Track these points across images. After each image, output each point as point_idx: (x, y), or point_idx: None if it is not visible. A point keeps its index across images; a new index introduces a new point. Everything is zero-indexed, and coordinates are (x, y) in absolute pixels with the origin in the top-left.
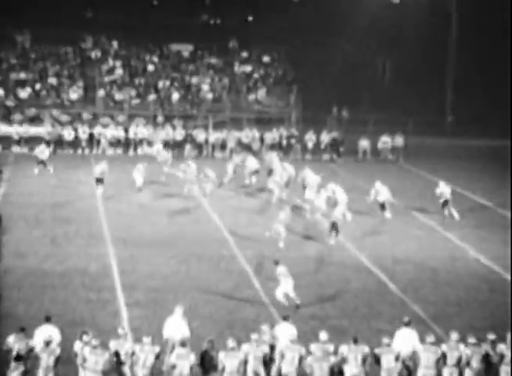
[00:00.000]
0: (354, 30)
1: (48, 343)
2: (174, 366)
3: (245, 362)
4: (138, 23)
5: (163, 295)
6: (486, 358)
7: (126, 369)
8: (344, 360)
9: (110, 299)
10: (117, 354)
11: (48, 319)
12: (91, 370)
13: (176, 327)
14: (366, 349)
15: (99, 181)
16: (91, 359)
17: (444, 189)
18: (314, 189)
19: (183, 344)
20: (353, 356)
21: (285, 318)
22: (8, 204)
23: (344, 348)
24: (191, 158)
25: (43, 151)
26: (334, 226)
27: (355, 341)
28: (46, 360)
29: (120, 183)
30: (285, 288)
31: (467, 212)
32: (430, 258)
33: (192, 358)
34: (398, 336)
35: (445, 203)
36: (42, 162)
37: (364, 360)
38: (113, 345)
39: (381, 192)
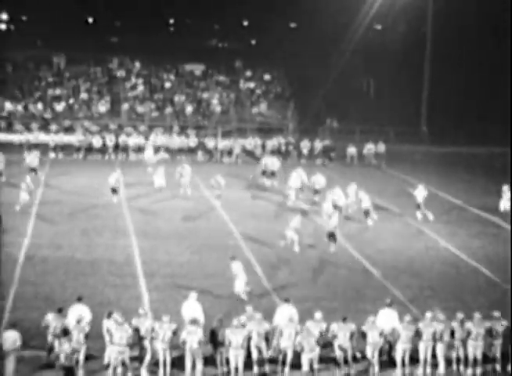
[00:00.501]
0: (342, 52)
1: (78, 321)
2: (184, 342)
3: (249, 338)
4: (157, 46)
5: (178, 281)
6: (452, 333)
7: (146, 343)
8: (334, 337)
9: (133, 284)
10: (137, 330)
11: (79, 299)
12: (117, 344)
13: (191, 310)
14: (354, 327)
15: (114, 191)
16: (116, 334)
17: (420, 191)
18: (324, 193)
19: (193, 322)
20: (342, 332)
21: (286, 300)
22: (46, 203)
23: (334, 326)
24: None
25: (34, 160)
26: (332, 236)
27: (344, 320)
28: (76, 336)
29: (141, 184)
30: (241, 282)
31: (439, 209)
32: (408, 249)
33: (200, 334)
34: (380, 315)
35: (418, 206)
36: (34, 170)
37: (352, 336)
38: (134, 322)
39: (364, 199)
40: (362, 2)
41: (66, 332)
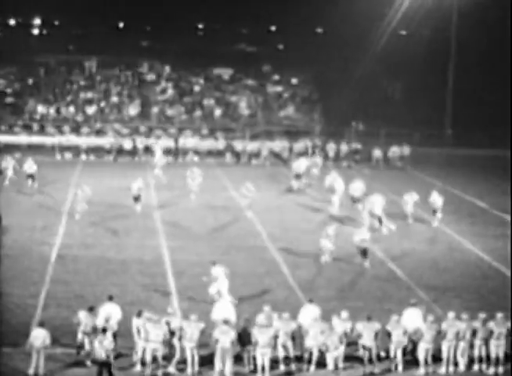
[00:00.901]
0: (368, 57)
1: (107, 320)
2: (217, 341)
3: (275, 336)
4: (186, 50)
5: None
6: (474, 333)
7: (175, 341)
8: (359, 336)
9: (162, 284)
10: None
11: (110, 299)
12: (152, 342)
13: (224, 310)
14: (378, 326)
15: (137, 199)
16: (153, 332)
17: (436, 198)
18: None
19: (226, 322)
20: (367, 332)
21: (310, 300)
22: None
23: (359, 325)
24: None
25: (31, 166)
26: (364, 252)
27: (369, 319)
28: (101, 335)
29: (171, 185)
30: (219, 287)
31: (464, 211)
32: (432, 250)
33: (233, 334)
34: (405, 315)
35: (434, 212)
36: (31, 176)
37: (376, 335)
38: (164, 321)
39: (376, 204)
40: (387, 8)
41: (103, 330)
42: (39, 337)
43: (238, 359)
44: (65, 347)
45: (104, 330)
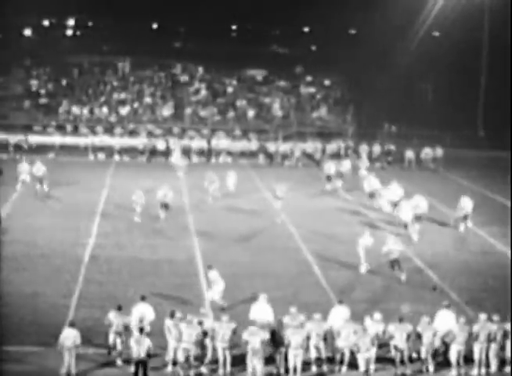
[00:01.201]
0: (400, 59)
1: (141, 320)
2: (246, 342)
3: (308, 338)
4: (219, 52)
5: (239, 281)
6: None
7: (207, 342)
8: (391, 337)
9: (194, 284)
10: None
11: (143, 299)
12: (185, 342)
13: (262, 311)
14: (410, 327)
15: (165, 206)
16: (186, 332)
17: (466, 203)
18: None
19: (254, 323)
20: (399, 333)
21: (340, 302)
22: (110, 204)
23: (391, 327)
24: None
25: (39, 169)
26: (392, 264)
27: (401, 321)
28: (138, 334)
29: (203, 186)
30: (215, 291)
31: (496, 213)
32: (464, 251)
33: (262, 334)
34: (438, 316)
35: (465, 217)
36: (40, 179)
37: (408, 337)
38: (196, 321)
39: (421, 205)
40: (420, 9)
41: (141, 329)
42: (70, 337)
43: (271, 360)
44: (97, 347)
45: (141, 330)
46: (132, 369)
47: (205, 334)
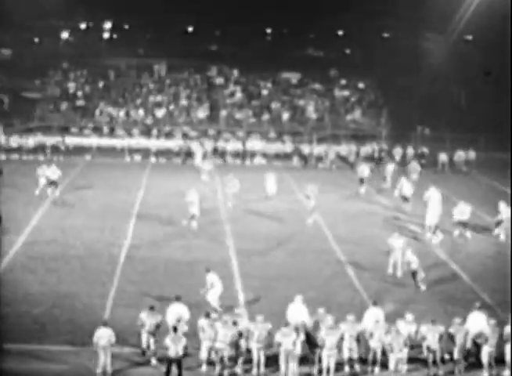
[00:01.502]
0: (434, 62)
1: (178, 320)
2: (279, 344)
3: (341, 338)
4: (254, 54)
5: (274, 282)
6: None
7: (242, 342)
8: (423, 338)
9: (229, 285)
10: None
11: (178, 299)
12: (220, 342)
13: (297, 312)
14: (442, 329)
15: (192, 216)
16: (222, 332)
17: (503, 209)
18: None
19: (286, 324)
20: (431, 334)
21: (375, 303)
22: (145, 206)
23: (423, 328)
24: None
25: (54, 172)
26: (413, 275)
27: (433, 322)
28: (174, 333)
29: (238, 188)
30: (212, 294)
31: None
32: (496, 253)
33: (295, 335)
34: (470, 318)
35: (499, 222)
36: (53, 182)
37: (440, 338)
38: (231, 322)
39: (464, 211)
40: (453, 13)
41: (174, 328)
42: (104, 336)
43: (305, 360)
44: (133, 347)
45: (175, 329)
46: (164, 368)
47: (240, 334)
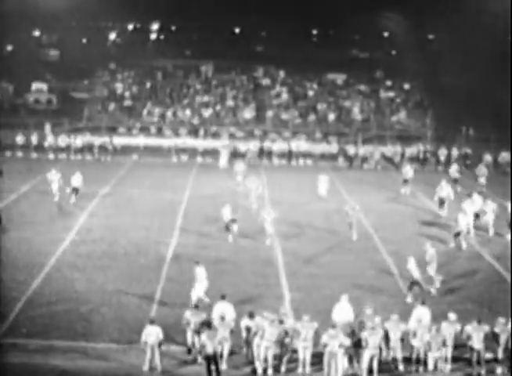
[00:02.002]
0: (478, 62)
1: (223, 318)
2: (325, 345)
3: (386, 338)
4: (300, 56)
5: (319, 281)
6: None
7: (287, 341)
8: (468, 338)
9: (274, 284)
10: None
11: (223, 298)
12: (267, 340)
13: (344, 311)
14: (487, 328)
15: (228, 227)
16: (269, 330)
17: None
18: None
19: (333, 325)
20: (476, 334)
21: (423, 302)
22: (192, 205)
23: (468, 328)
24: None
25: (78, 180)
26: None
27: (479, 322)
28: (222, 332)
29: (282, 187)
30: (197, 288)
31: None
32: None
33: (342, 338)
34: None
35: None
36: (75, 189)
37: (485, 338)
38: (277, 321)
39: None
40: (499, 13)
41: (209, 325)
42: (152, 334)
43: (349, 360)
44: (179, 345)
45: (209, 325)
46: (205, 364)
47: (286, 333)
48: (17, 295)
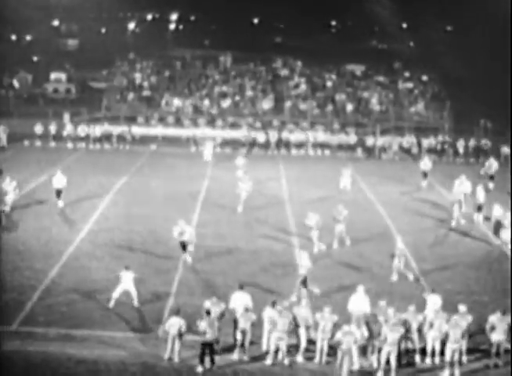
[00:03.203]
0: (497, 54)
1: (247, 309)
2: (339, 342)
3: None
4: (319, 47)
5: (336, 271)
6: None
7: (302, 331)
8: (492, 328)
9: (292, 273)
10: (294, 318)
11: (241, 287)
12: (279, 331)
13: (359, 302)
14: (509, 319)
15: (184, 247)
16: (280, 321)
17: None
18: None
19: (349, 321)
20: (501, 325)
21: (433, 290)
22: (211, 195)
23: (493, 318)
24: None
25: (60, 181)
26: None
27: (503, 313)
28: (243, 324)
29: (301, 178)
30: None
31: None
32: None
33: (357, 334)
34: None
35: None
36: (59, 191)
37: (509, 329)
38: (295, 311)
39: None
40: None
41: (208, 312)
42: (175, 324)
43: (363, 350)
44: (197, 334)
45: (209, 313)
46: (200, 349)
47: (297, 325)
48: (35, 284)
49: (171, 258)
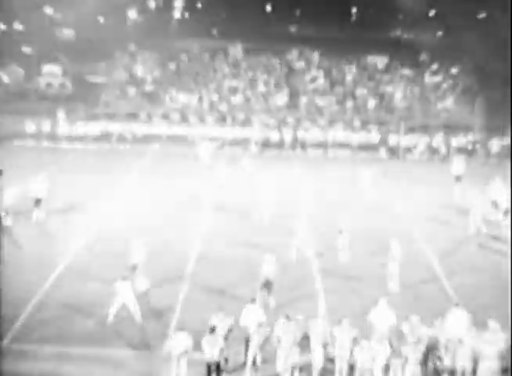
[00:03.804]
0: None
1: (260, 324)
2: (355, 361)
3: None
4: (338, 36)
5: (356, 283)
6: None
7: (316, 347)
8: None
9: (308, 285)
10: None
11: (253, 301)
12: (284, 348)
13: (381, 315)
14: None
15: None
16: (284, 338)
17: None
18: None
19: (367, 337)
20: None
21: (457, 304)
22: (220, 198)
23: None
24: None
25: (41, 189)
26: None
27: None
28: (257, 341)
29: (318, 180)
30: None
31: None
32: None
33: (376, 350)
34: None
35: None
36: (38, 200)
37: None
38: (309, 324)
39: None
40: None
41: (212, 330)
42: (181, 341)
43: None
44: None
45: (213, 330)
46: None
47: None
48: (28, 296)
49: (175, 268)
